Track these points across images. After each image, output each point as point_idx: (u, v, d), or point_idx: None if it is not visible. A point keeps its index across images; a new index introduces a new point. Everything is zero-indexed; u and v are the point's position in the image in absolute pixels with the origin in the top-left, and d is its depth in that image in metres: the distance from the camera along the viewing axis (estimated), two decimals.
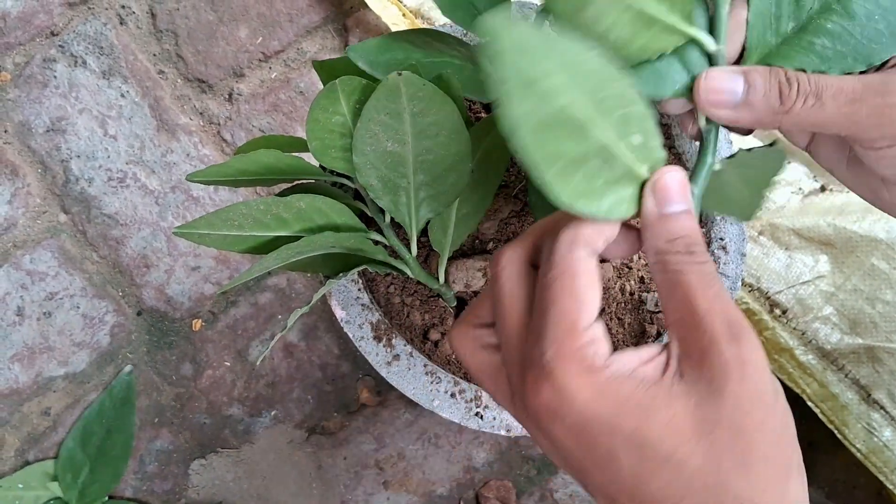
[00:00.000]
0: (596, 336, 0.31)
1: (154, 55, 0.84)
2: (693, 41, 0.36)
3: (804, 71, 0.36)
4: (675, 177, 0.33)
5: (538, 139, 0.28)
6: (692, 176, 0.35)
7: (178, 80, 0.84)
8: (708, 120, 0.36)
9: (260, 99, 0.84)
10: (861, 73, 0.36)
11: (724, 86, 0.35)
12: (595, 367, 0.31)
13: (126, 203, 0.82)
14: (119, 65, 0.83)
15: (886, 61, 0.37)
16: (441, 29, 0.60)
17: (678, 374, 0.31)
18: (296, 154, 0.49)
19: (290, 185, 0.52)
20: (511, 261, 0.35)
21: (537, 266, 0.35)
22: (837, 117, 0.35)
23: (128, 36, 0.84)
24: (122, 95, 0.83)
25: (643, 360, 0.32)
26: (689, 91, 0.37)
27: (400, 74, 0.43)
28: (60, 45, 0.83)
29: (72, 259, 0.82)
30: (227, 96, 0.84)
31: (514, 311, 0.34)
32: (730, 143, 0.62)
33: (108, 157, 0.83)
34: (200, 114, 0.84)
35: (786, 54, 0.36)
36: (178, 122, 0.83)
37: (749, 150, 0.36)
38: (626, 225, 0.36)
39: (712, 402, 0.30)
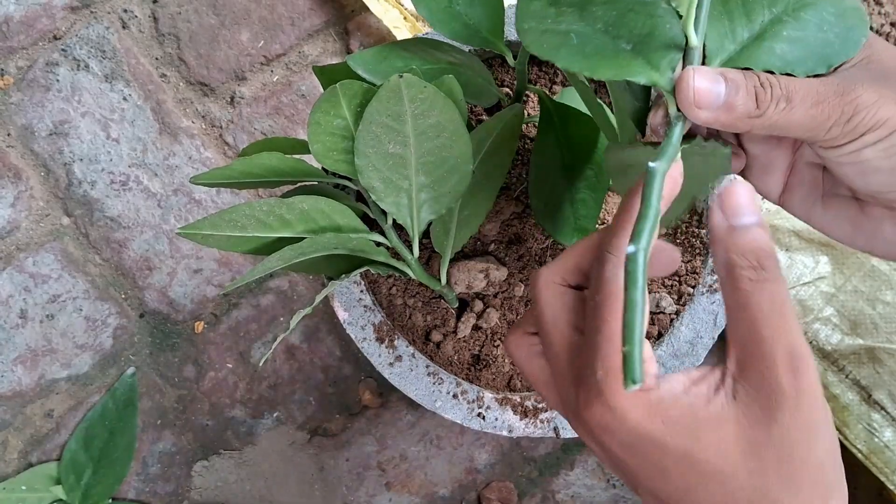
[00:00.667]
0: (645, 356, 0.31)
1: (156, 59, 0.84)
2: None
3: (772, 73, 0.36)
4: (743, 188, 0.33)
5: None
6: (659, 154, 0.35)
7: (181, 84, 0.84)
8: (677, 108, 0.36)
9: (262, 102, 0.84)
10: (818, 75, 0.37)
11: (710, 86, 0.35)
12: (645, 387, 0.32)
13: (128, 206, 0.83)
14: (121, 68, 0.84)
15: (841, 64, 0.37)
16: (438, 37, 0.61)
17: (731, 395, 0.32)
18: (298, 156, 0.49)
19: (292, 187, 0.53)
20: (548, 284, 0.36)
21: (577, 286, 0.36)
22: (804, 119, 0.35)
23: (130, 40, 0.84)
24: (125, 99, 0.84)
25: (693, 380, 0.33)
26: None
27: (401, 76, 0.43)
28: (63, 49, 0.84)
29: (74, 262, 0.82)
30: (228, 99, 0.84)
31: (558, 333, 0.35)
32: None
33: (111, 160, 0.83)
34: (202, 117, 0.84)
35: (749, 57, 0.36)
36: (180, 126, 0.84)
37: (705, 140, 0.37)
38: (661, 243, 0.37)
39: (764, 427, 0.31)
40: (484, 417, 0.57)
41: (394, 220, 0.51)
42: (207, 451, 0.82)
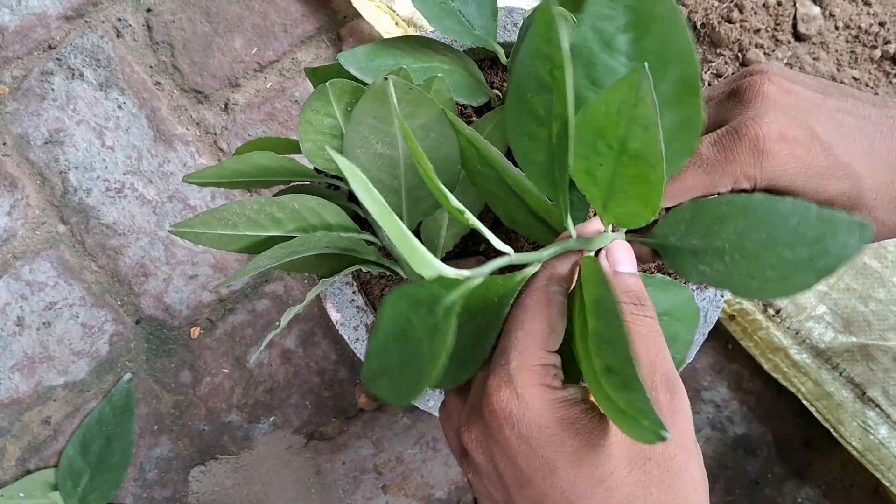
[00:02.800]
0: (556, 362, 0.35)
1: (150, 67, 0.85)
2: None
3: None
4: (622, 247, 0.39)
5: None
6: None
7: (175, 91, 0.85)
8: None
9: (255, 108, 0.85)
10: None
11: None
12: (552, 385, 0.35)
13: (124, 213, 0.83)
14: (116, 77, 0.84)
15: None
16: (430, 35, 0.61)
17: None
18: (290, 156, 0.49)
19: (285, 187, 0.53)
20: None
21: None
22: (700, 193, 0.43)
23: (124, 48, 0.85)
24: (120, 107, 0.84)
25: (589, 392, 0.35)
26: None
27: (387, 79, 0.44)
28: (58, 59, 0.84)
29: (71, 269, 0.82)
30: (223, 106, 0.85)
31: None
32: None
33: (106, 167, 0.83)
34: (197, 124, 0.85)
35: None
36: (174, 133, 0.84)
37: None
38: None
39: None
40: None
41: None
42: (204, 456, 0.82)
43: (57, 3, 0.85)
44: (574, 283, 0.39)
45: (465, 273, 0.35)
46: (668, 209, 0.43)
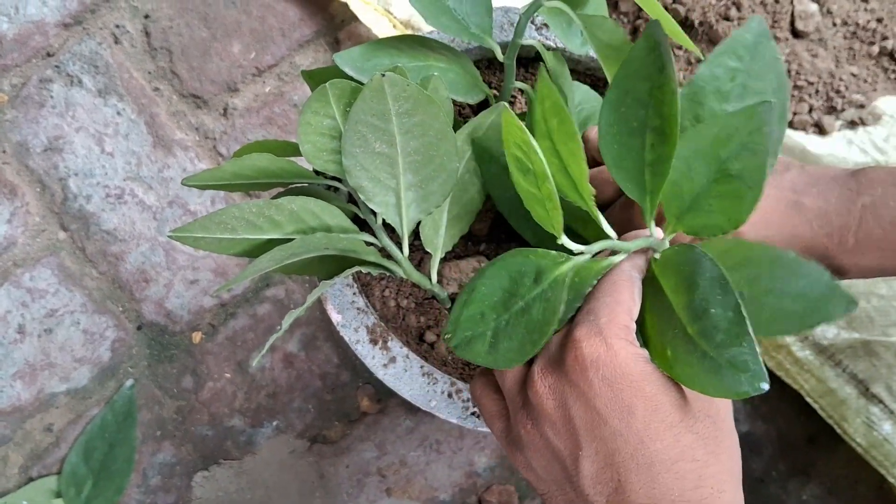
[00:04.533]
0: (634, 328, 0.40)
1: (149, 73, 0.85)
2: None
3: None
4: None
5: None
6: None
7: (174, 97, 0.85)
8: None
9: (254, 113, 0.85)
10: None
11: None
12: (633, 342, 0.39)
13: (124, 219, 0.83)
14: (115, 83, 0.85)
15: None
16: (428, 35, 0.61)
17: None
18: (290, 158, 0.49)
19: (284, 190, 0.53)
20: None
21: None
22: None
23: (123, 54, 0.85)
24: (119, 113, 0.84)
25: None
26: None
27: (383, 76, 0.44)
28: (56, 66, 0.84)
29: (71, 276, 0.83)
30: (221, 111, 0.85)
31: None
32: None
33: (106, 174, 0.84)
34: (196, 129, 0.85)
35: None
36: (174, 138, 0.84)
37: None
38: None
39: (704, 400, 0.39)
40: (478, 416, 0.57)
41: (383, 220, 0.52)
42: (207, 461, 0.82)
43: (55, 10, 0.85)
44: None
45: (581, 247, 0.42)
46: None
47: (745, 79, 0.44)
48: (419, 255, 0.60)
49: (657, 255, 0.43)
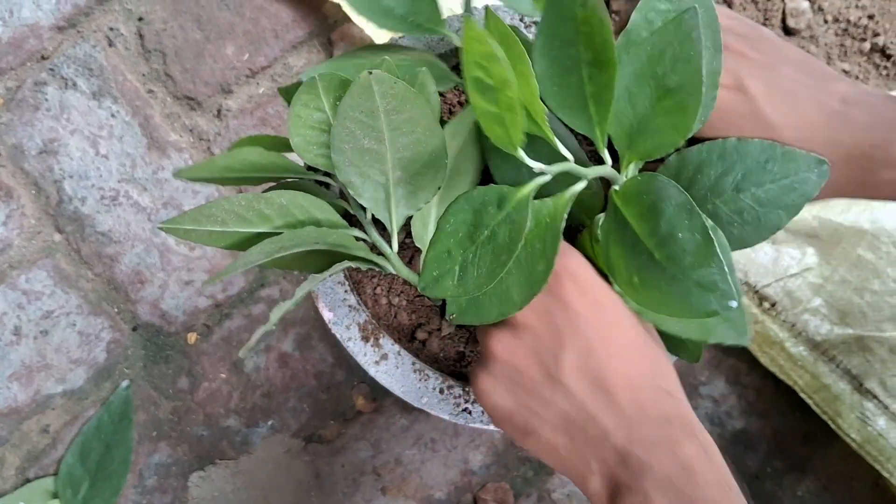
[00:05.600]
0: None
1: (143, 75, 0.85)
2: None
3: None
4: None
5: None
6: None
7: (168, 99, 0.85)
8: None
9: (248, 114, 0.85)
10: None
11: None
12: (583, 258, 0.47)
13: (119, 220, 0.83)
14: (109, 85, 0.85)
15: None
16: (393, 42, 0.62)
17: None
18: (281, 154, 0.50)
19: (275, 184, 0.53)
20: None
21: None
22: None
23: (117, 57, 0.85)
24: (113, 115, 0.85)
25: None
26: None
27: (371, 73, 0.44)
28: (51, 69, 0.85)
29: (67, 278, 0.83)
30: (215, 113, 0.85)
31: None
32: None
33: (101, 176, 0.84)
34: (190, 130, 0.85)
35: None
36: (168, 140, 0.85)
37: None
38: None
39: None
40: (470, 412, 0.57)
41: (373, 216, 0.52)
42: (203, 461, 0.82)
43: (49, 14, 0.85)
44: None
45: (541, 165, 0.42)
46: (652, 166, 0.48)
47: None
48: (410, 252, 0.60)
49: (616, 187, 0.44)
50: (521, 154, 0.42)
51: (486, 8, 0.43)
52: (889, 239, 0.78)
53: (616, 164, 0.45)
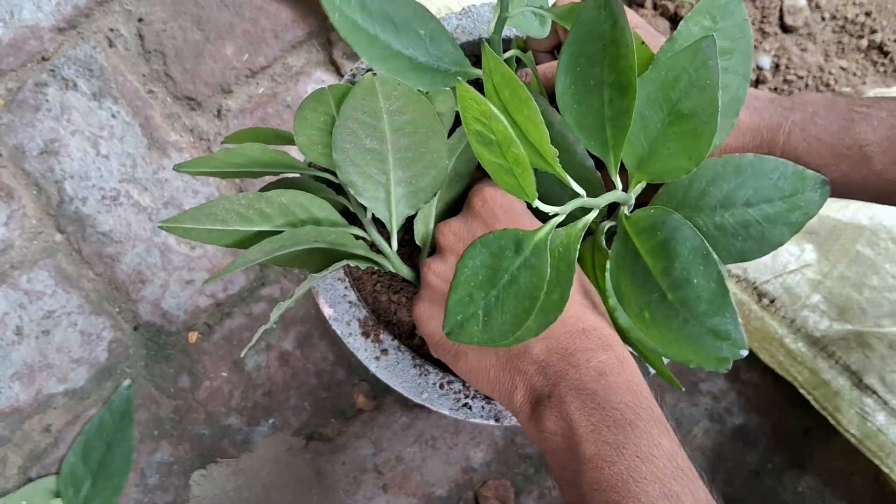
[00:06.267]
0: None
1: (143, 75, 0.86)
2: None
3: None
4: None
5: None
6: None
7: (168, 99, 0.86)
8: None
9: (248, 114, 0.86)
10: None
11: None
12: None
13: (120, 220, 0.84)
14: (109, 86, 0.85)
15: None
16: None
17: None
18: (281, 149, 0.50)
19: (275, 180, 0.54)
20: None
21: None
22: None
23: (117, 58, 0.86)
24: (113, 116, 0.85)
25: None
26: None
27: (375, 74, 0.44)
28: (51, 70, 0.85)
29: (68, 277, 0.83)
30: (215, 112, 0.86)
31: None
32: None
33: (101, 176, 0.84)
34: (190, 130, 0.85)
35: None
36: (168, 140, 0.85)
37: None
38: None
39: None
40: (470, 407, 0.57)
41: (373, 215, 0.52)
42: (205, 460, 0.82)
43: (50, 15, 0.86)
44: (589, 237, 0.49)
45: (555, 209, 0.43)
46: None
47: (717, 37, 0.47)
48: (409, 250, 0.61)
49: (627, 212, 0.44)
50: (538, 203, 0.42)
51: (483, 45, 0.42)
52: (887, 235, 0.78)
53: (624, 184, 0.46)
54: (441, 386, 0.58)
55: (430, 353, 0.60)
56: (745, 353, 0.37)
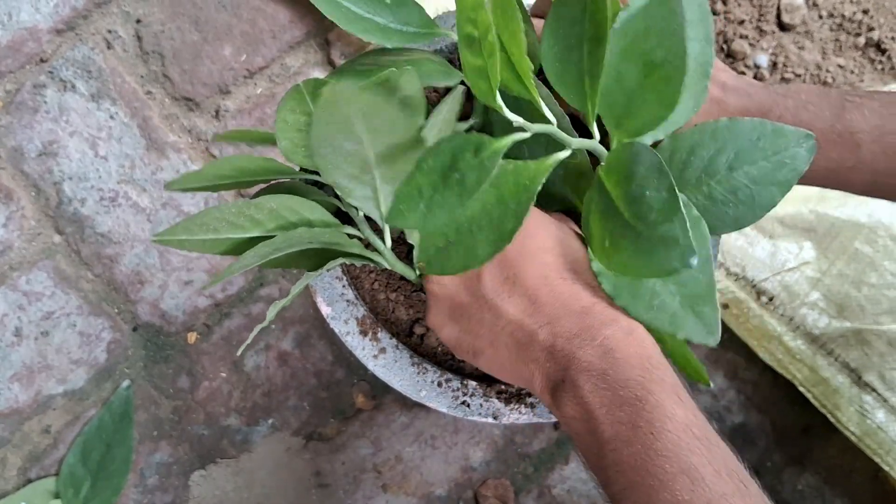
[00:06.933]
0: None
1: (141, 76, 0.86)
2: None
3: None
4: None
5: None
6: None
7: (166, 100, 0.86)
8: None
9: (246, 114, 0.86)
10: None
11: None
12: None
13: (118, 221, 0.84)
14: (107, 87, 0.85)
15: None
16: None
17: None
18: (269, 156, 0.50)
19: (267, 186, 0.54)
20: None
21: None
22: None
23: (115, 59, 0.86)
24: (112, 117, 0.85)
25: None
26: None
27: (334, 86, 0.44)
28: (50, 71, 0.85)
29: (67, 279, 0.83)
30: (214, 113, 0.86)
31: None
32: None
33: (100, 177, 0.84)
34: (189, 131, 0.86)
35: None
36: (166, 141, 0.85)
37: None
38: None
39: None
40: (468, 405, 0.57)
41: (365, 213, 0.52)
42: (204, 460, 0.82)
43: (48, 17, 0.86)
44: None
45: (520, 120, 0.43)
46: None
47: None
48: (406, 247, 0.61)
49: (603, 162, 0.44)
50: (500, 102, 0.43)
51: None
52: (886, 232, 0.78)
53: (606, 142, 0.46)
54: (439, 384, 0.58)
55: (427, 351, 0.61)
56: (694, 261, 0.37)
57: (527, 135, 0.44)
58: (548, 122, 0.45)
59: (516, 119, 0.43)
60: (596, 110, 0.44)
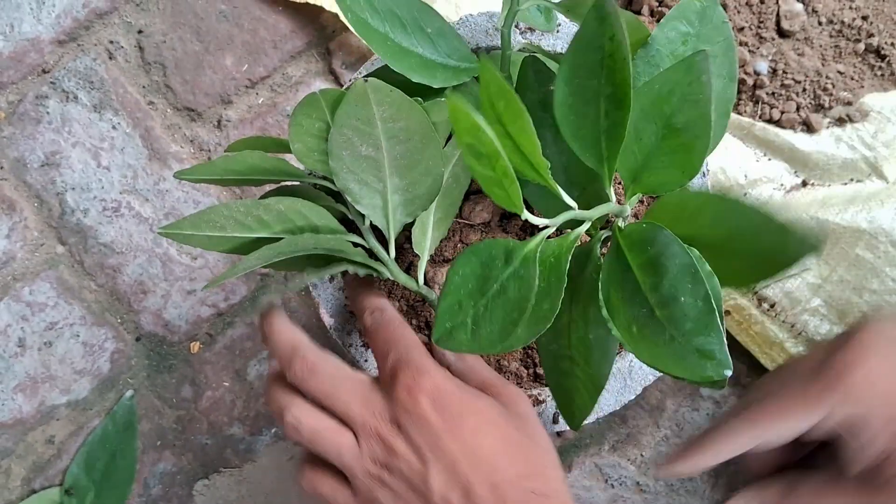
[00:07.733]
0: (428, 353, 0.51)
1: (143, 87, 0.86)
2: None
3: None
4: None
5: None
6: None
7: (168, 110, 0.86)
8: None
9: (248, 124, 0.86)
10: None
11: None
12: (440, 367, 0.49)
13: (121, 232, 0.84)
14: (110, 98, 0.86)
15: None
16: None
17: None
18: (280, 157, 0.50)
19: (274, 188, 0.54)
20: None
21: None
22: None
23: (117, 70, 0.86)
24: (114, 127, 0.85)
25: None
26: None
27: (366, 80, 0.45)
28: (52, 82, 0.86)
29: (70, 289, 0.83)
30: (216, 123, 0.86)
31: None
32: None
33: (103, 187, 0.85)
34: (191, 141, 0.86)
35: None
36: (169, 151, 0.85)
37: None
38: None
39: (512, 402, 0.51)
40: None
41: (371, 222, 0.52)
42: (208, 469, 0.83)
43: (49, 28, 0.86)
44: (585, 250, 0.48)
45: (545, 221, 0.44)
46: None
47: (696, 42, 0.46)
48: (410, 258, 0.61)
49: (622, 225, 0.44)
50: (527, 215, 0.43)
51: (481, 56, 0.43)
52: (887, 238, 0.78)
53: (619, 197, 0.46)
54: None
55: None
56: (728, 373, 0.37)
57: (552, 230, 0.44)
58: (568, 207, 0.45)
59: (541, 221, 0.43)
60: (613, 174, 0.44)
